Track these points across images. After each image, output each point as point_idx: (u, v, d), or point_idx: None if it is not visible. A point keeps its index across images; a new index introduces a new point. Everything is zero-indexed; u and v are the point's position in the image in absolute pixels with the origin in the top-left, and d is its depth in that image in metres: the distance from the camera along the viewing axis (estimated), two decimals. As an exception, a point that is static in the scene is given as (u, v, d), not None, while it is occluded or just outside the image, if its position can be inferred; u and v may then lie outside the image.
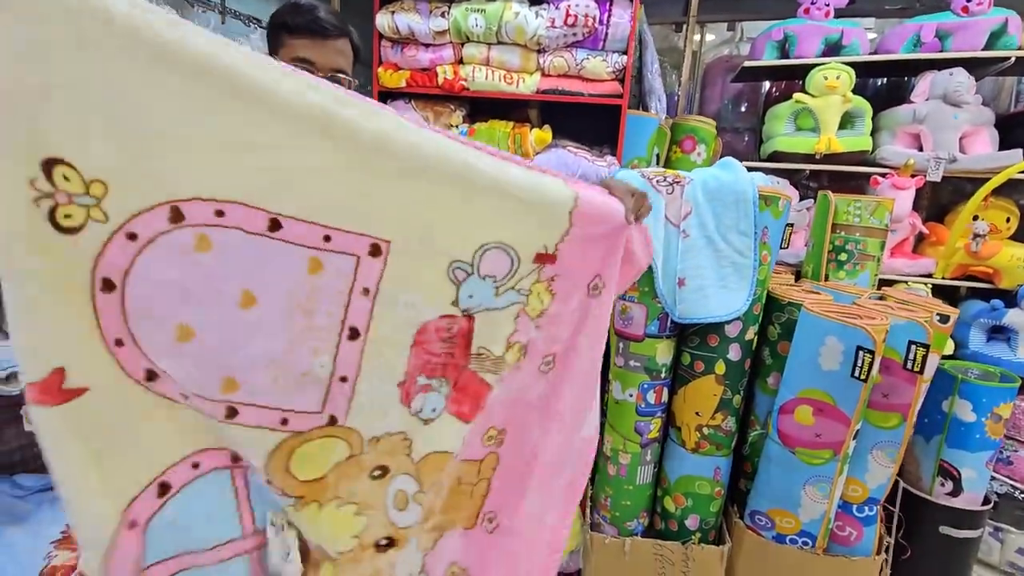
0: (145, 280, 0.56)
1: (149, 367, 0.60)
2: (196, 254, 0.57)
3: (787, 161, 2.30)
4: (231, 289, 0.60)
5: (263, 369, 0.64)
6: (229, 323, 0.61)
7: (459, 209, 0.72)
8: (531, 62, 1.74)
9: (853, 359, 1.33)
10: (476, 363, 0.83)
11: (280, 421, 0.67)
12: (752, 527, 1.63)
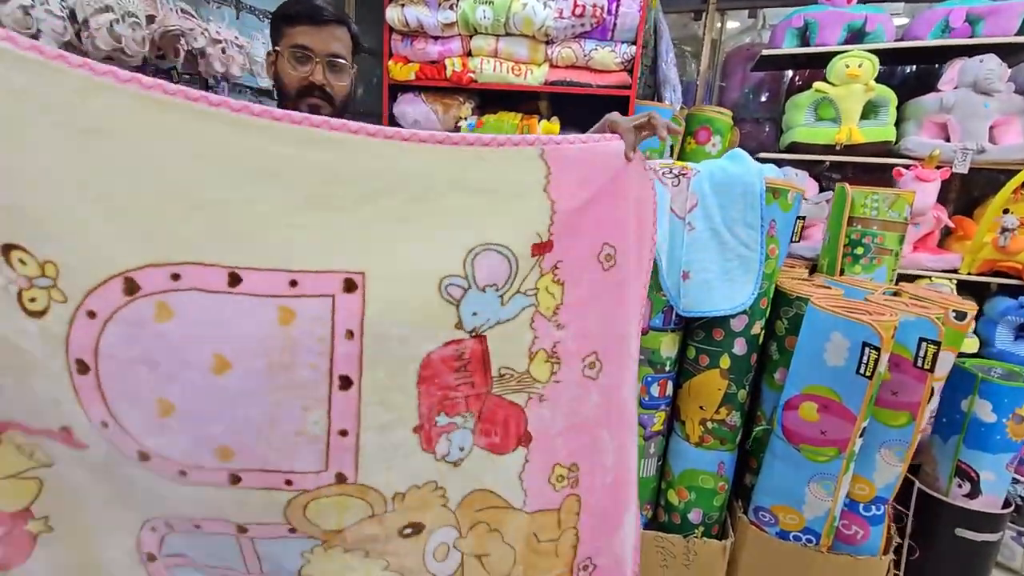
0: (112, 359, 0.54)
1: (140, 448, 0.57)
2: (157, 325, 0.55)
3: (806, 152, 2.24)
4: (202, 356, 0.57)
5: (253, 434, 0.60)
6: (206, 392, 0.57)
7: (432, 220, 0.66)
8: (539, 53, 1.73)
9: (859, 356, 1.30)
10: (500, 386, 0.74)
11: (284, 482, 0.63)
12: (756, 523, 1.62)
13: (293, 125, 0.59)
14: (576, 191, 0.75)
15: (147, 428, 0.57)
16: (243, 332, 0.58)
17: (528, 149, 0.72)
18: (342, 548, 0.69)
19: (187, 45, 1.50)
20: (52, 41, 1.24)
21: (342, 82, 1.08)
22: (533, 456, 0.76)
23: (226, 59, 1.60)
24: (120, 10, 1.34)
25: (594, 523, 0.84)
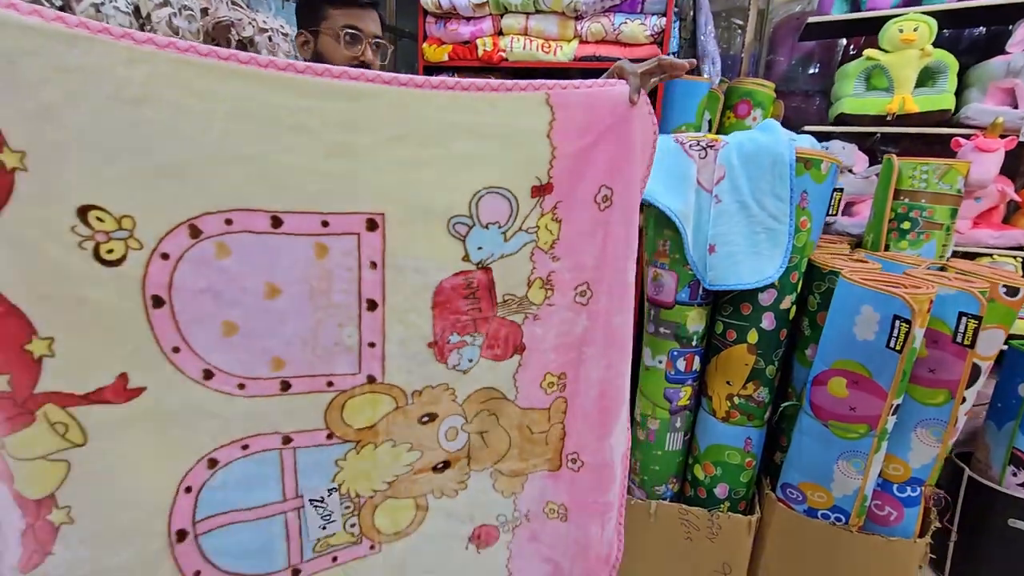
0: (184, 291, 0.65)
1: (205, 367, 0.68)
2: (218, 261, 0.66)
3: (855, 124, 2.13)
4: (255, 285, 0.68)
5: (300, 346, 0.73)
6: (262, 313, 0.69)
7: (443, 165, 0.75)
8: (569, 29, 1.74)
9: (889, 329, 1.26)
10: (503, 310, 0.86)
11: (326, 384, 0.76)
12: (783, 500, 1.60)
13: (315, 77, 0.65)
14: (578, 136, 0.81)
15: (213, 347, 0.68)
16: (287, 264, 0.69)
17: (535, 94, 0.78)
18: (373, 446, 0.82)
19: (237, 35, 1.62)
20: (119, 34, 1.38)
21: (383, 61, 1.16)
22: (526, 362, 0.89)
23: (272, 46, 1.71)
24: (177, 4, 1.47)
25: (580, 424, 0.97)
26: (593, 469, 0.99)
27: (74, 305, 0.60)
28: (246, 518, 0.78)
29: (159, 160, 0.60)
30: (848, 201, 2.23)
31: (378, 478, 0.85)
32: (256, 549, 0.79)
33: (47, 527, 0.63)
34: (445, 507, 0.93)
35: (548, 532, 1.02)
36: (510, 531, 0.99)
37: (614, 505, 1.04)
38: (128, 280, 0.62)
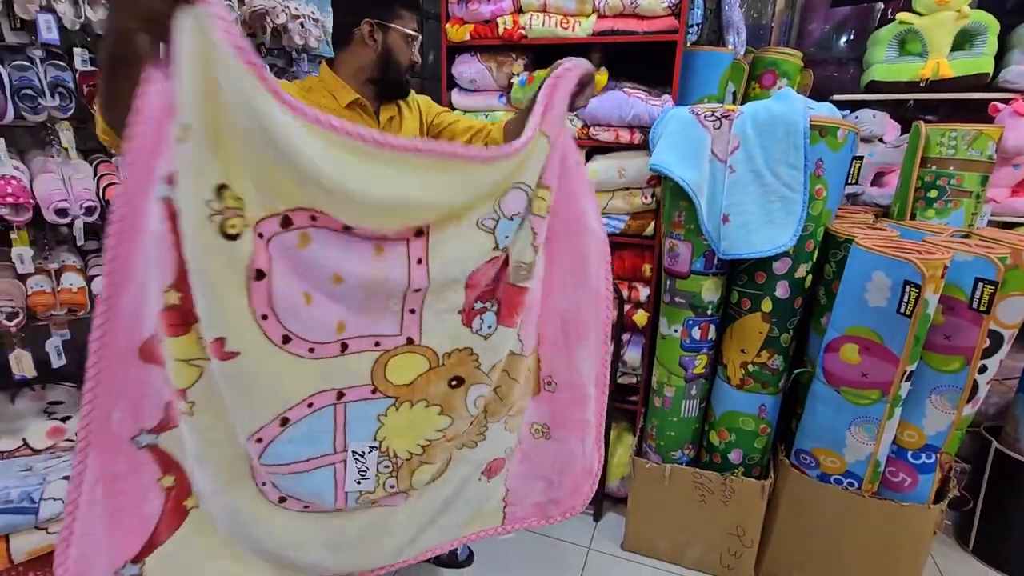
0: (277, 268, 0.78)
1: (284, 333, 0.81)
2: (300, 249, 0.79)
3: (886, 91, 2.08)
4: (326, 272, 0.82)
5: (357, 314, 0.87)
6: (329, 292, 0.84)
7: (478, 188, 0.88)
8: (587, 4, 1.75)
9: (900, 294, 1.27)
10: (514, 276, 0.98)
11: (374, 344, 0.90)
12: (796, 465, 1.63)
13: (368, 144, 0.76)
14: (557, 122, 0.97)
15: (294, 316, 0.82)
16: (352, 259, 0.83)
17: (540, 139, 0.92)
18: (410, 404, 0.95)
19: (271, 22, 1.72)
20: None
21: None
22: (525, 317, 1.03)
23: (304, 33, 1.80)
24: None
25: (550, 350, 1.13)
26: (567, 389, 1.14)
27: (197, 270, 0.72)
28: (304, 468, 0.91)
29: (279, 155, 0.71)
30: (878, 171, 2.19)
31: (414, 439, 0.98)
32: (309, 492, 0.93)
33: (176, 411, 0.82)
34: (467, 456, 1.09)
35: (536, 451, 1.18)
36: (511, 457, 1.15)
37: (591, 423, 1.18)
38: (240, 253, 0.74)
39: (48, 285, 1.47)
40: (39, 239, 1.54)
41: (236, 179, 0.71)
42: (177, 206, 0.70)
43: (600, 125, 1.86)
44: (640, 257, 1.95)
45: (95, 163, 1.56)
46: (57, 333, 1.53)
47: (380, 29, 1.20)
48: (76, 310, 1.52)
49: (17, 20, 1.34)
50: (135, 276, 0.76)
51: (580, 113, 1.88)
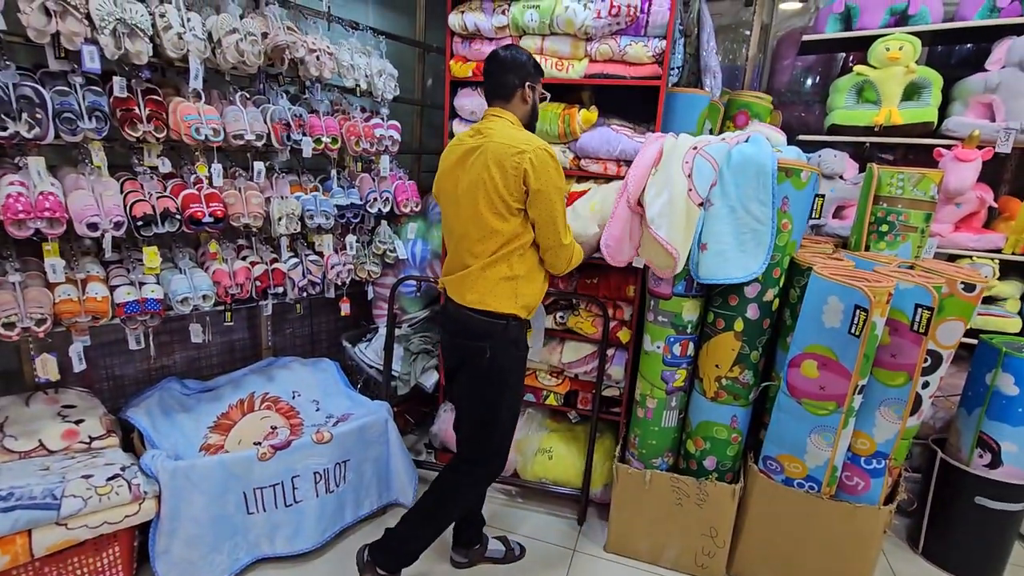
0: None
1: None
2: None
3: (845, 134, 2.31)
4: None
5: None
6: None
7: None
8: (580, 50, 1.94)
9: (851, 317, 1.45)
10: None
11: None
12: (764, 471, 1.80)
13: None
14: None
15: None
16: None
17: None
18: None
19: (290, 55, 1.85)
20: (198, 58, 1.62)
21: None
22: None
23: (319, 65, 1.94)
24: (243, 30, 1.71)
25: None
26: None
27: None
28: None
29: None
30: (839, 205, 2.41)
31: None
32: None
33: None
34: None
35: None
36: None
37: None
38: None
39: (75, 294, 1.57)
40: (66, 250, 1.63)
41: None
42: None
43: (590, 158, 2.03)
44: (624, 279, 2.12)
45: (121, 180, 1.67)
46: (79, 339, 1.62)
47: (531, 90, 1.60)
48: (99, 317, 1.61)
49: (61, 50, 1.45)
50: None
51: (571, 146, 2.05)
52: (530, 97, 1.61)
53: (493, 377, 1.60)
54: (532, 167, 1.44)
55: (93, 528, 1.51)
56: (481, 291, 1.55)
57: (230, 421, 2.04)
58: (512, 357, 1.61)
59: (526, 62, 1.57)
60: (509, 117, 1.58)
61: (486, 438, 1.65)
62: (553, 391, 2.29)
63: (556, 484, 2.26)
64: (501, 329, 1.56)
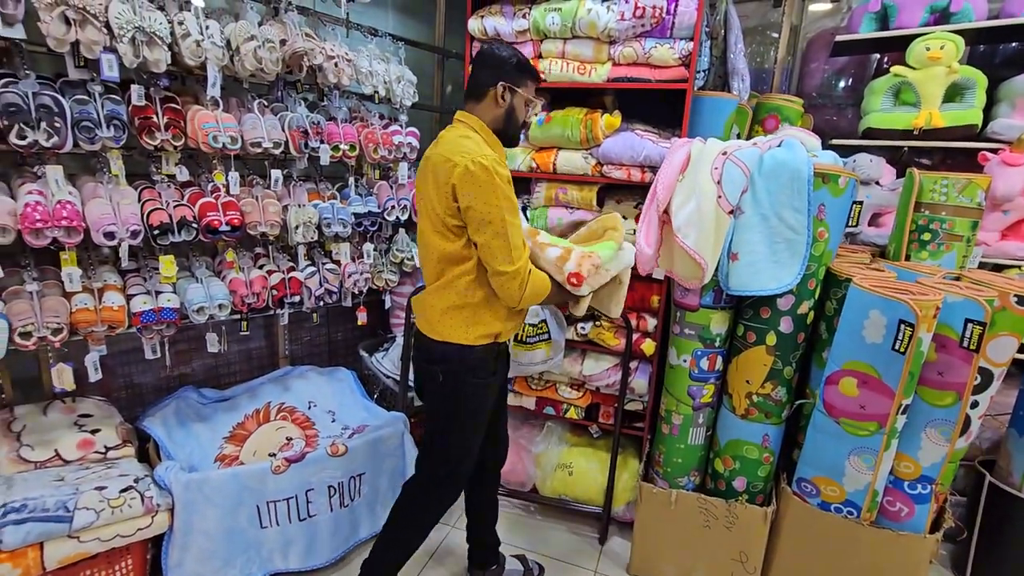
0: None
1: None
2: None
3: (882, 138, 2.20)
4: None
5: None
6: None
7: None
8: (603, 53, 1.88)
9: (895, 332, 1.36)
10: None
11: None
12: (798, 493, 1.70)
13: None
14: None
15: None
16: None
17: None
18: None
19: (308, 62, 1.84)
20: (216, 65, 1.61)
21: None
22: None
23: (337, 72, 1.92)
24: (262, 38, 1.69)
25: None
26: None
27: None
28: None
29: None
30: (875, 212, 2.30)
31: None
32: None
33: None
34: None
35: None
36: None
37: None
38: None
39: (91, 303, 1.56)
40: (83, 259, 1.62)
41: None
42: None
43: (613, 164, 1.97)
44: (649, 289, 2.04)
45: (139, 189, 1.66)
46: (95, 348, 1.61)
47: (509, 92, 1.42)
48: (115, 327, 1.60)
49: (81, 58, 1.45)
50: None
51: (594, 152, 1.99)
52: (507, 99, 1.41)
53: (446, 402, 1.48)
54: (459, 182, 1.27)
55: (105, 541, 1.49)
56: (429, 319, 1.44)
57: (246, 431, 2.02)
58: (467, 384, 1.45)
59: (507, 59, 1.40)
60: (472, 122, 1.42)
61: (436, 463, 1.53)
62: (574, 404, 2.21)
63: (576, 501, 2.18)
64: (456, 354, 1.42)
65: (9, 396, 1.70)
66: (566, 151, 2.02)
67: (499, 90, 1.40)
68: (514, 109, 1.44)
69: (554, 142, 2.02)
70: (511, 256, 1.31)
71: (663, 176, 1.66)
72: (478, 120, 1.42)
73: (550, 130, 1.99)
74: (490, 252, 1.32)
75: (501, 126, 1.45)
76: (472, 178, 1.27)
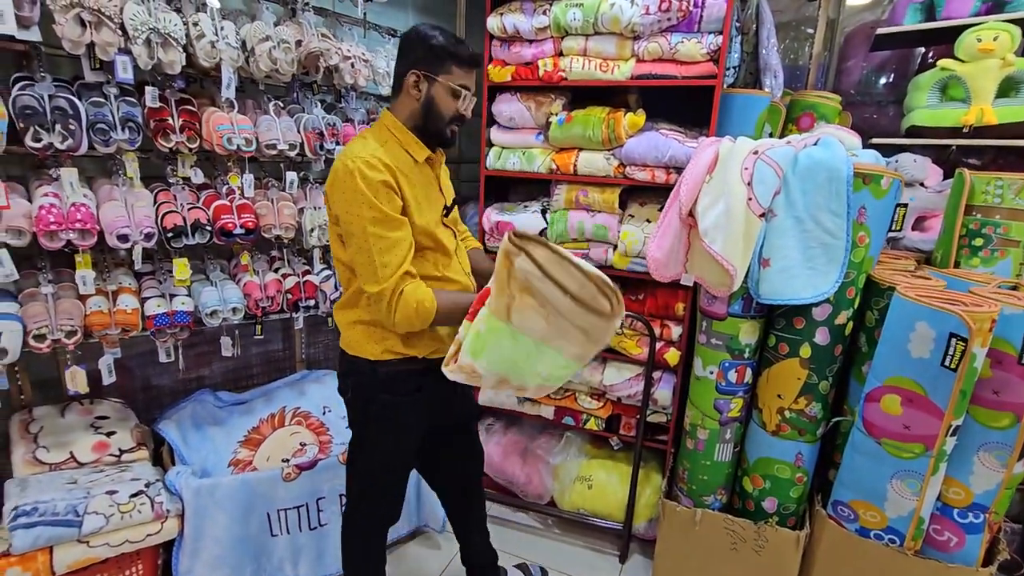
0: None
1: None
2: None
3: (927, 136, 2.06)
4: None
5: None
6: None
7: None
8: (626, 49, 1.80)
9: (945, 347, 1.24)
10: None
11: None
12: (834, 517, 1.58)
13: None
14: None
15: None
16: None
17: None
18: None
19: (325, 62, 1.81)
20: (231, 66, 1.60)
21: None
22: None
23: (354, 72, 1.89)
24: (276, 38, 1.67)
25: None
26: None
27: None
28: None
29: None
30: (919, 216, 2.15)
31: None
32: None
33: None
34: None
35: None
36: None
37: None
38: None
39: (105, 306, 1.55)
40: (99, 261, 1.62)
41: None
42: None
43: (636, 164, 1.89)
44: (673, 295, 1.95)
45: (155, 191, 1.65)
46: (110, 351, 1.60)
47: (426, 80, 1.22)
48: (128, 330, 1.59)
49: (97, 60, 1.44)
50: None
51: (616, 152, 1.91)
52: (422, 90, 1.22)
53: (355, 419, 1.39)
54: (328, 187, 1.18)
55: (114, 547, 1.47)
56: (341, 330, 1.34)
57: (260, 436, 2.00)
58: (377, 402, 1.32)
59: (418, 43, 1.21)
60: (386, 119, 1.27)
61: (350, 482, 1.47)
62: (594, 415, 2.13)
63: (596, 516, 2.09)
64: (366, 367, 1.30)
65: (29, 397, 1.71)
66: (587, 152, 1.94)
67: (412, 81, 1.22)
68: (434, 101, 1.23)
69: (575, 143, 1.95)
70: (376, 275, 1.15)
71: (688, 176, 1.57)
72: (391, 117, 1.27)
73: (571, 130, 1.92)
74: (357, 268, 1.20)
75: (420, 122, 1.25)
76: (337, 183, 1.15)
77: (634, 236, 1.90)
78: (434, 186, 1.34)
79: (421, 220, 1.24)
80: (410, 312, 1.17)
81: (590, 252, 2.01)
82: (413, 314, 1.17)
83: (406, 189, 1.21)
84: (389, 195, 1.16)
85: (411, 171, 1.26)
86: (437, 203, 1.33)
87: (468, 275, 1.43)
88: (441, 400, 1.41)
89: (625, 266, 1.96)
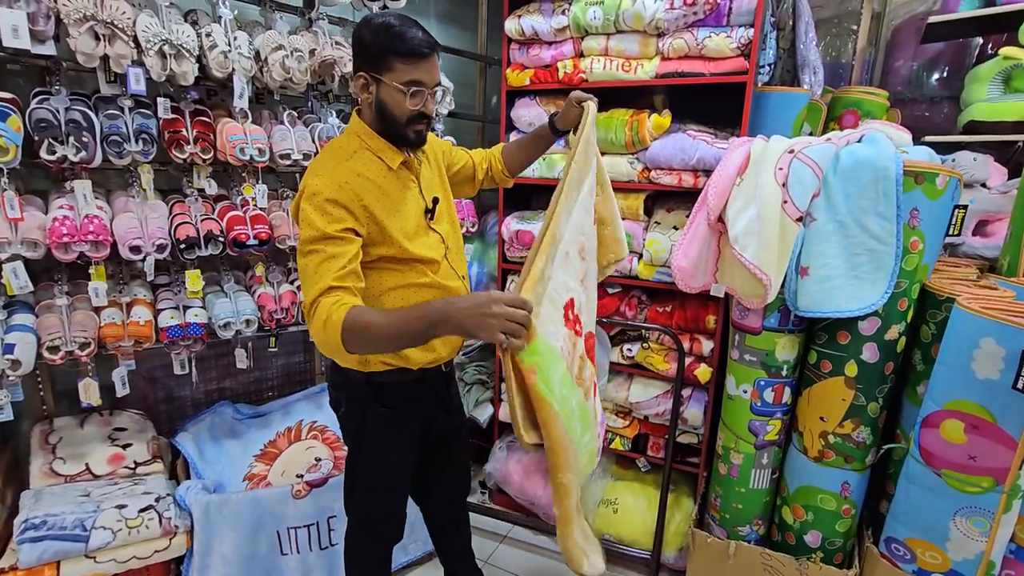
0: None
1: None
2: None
3: (989, 132, 1.87)
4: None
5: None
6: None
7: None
8: (650, 47, 1.71)
9: (1017, 367, 1.08)
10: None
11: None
12: (887, 556, 1.41)
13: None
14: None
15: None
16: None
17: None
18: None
19: (340, 71, 1.79)
20: (243, 76, 1.59)
21: (440, 103, 1.16)
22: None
23: (371, 80, 1.86)
24: (290, 47, 1.65)
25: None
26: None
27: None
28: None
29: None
30: (981, 219, 1.95)
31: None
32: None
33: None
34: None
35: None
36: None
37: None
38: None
39: (119, 318, 1.54)
40: (115, 273, 1.63)
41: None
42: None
43: (662, 168, 1.78)
44: (704, 307, 1.82)
45: (171, 203, 1.65)
46: (124, 363, 1.59)
47: (373, 82, 1.12)
48: (142, 342, 1.58)
49: (112, 73, 1.45)
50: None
51: (641, 156, 1.81)
52: (372, 93, 1.13)
53: (349, 432, 1.34)
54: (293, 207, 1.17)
55: (122, 563, 1.45)
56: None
57: (276, 450, 1.96)
58: (370, 413, 1.27)
59: (356, 42, 1.12)
60: (355, 126, 1.20)
61: (347, 498, 1.39)
62: (619, 434, 2.01)
63: (621, 543, 1.96)
64: (359, 378, 1.25)
65: (51, 408, 1.73)
66: (610, 156, 1.85)
67: (359, 84, 1.14)
68: (384, 104, 1.13)
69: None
70: (306, 289, 1.07)
71: (716, 179, 1.46)
72: (360, 123, 1.20)
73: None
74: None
75: (379, 127, 1.18)
76: (297, 205, 1.13)
77: (660, 244, 1.79)
78: (413, 189, 1.24)
79: (397, 232, 1.16)
80: (319, 327, 1.03)
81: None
82: (322, 329, 1.02)
83: (375, 205, 1.13)
84: (337, 211, 1.08)
85: (385, 179, 1.17)
86: (417, 207, 1.24)
87: (463, 278, 1.36)
88: (435, 410, 1.37)
89: (651, 276, 1.84)
